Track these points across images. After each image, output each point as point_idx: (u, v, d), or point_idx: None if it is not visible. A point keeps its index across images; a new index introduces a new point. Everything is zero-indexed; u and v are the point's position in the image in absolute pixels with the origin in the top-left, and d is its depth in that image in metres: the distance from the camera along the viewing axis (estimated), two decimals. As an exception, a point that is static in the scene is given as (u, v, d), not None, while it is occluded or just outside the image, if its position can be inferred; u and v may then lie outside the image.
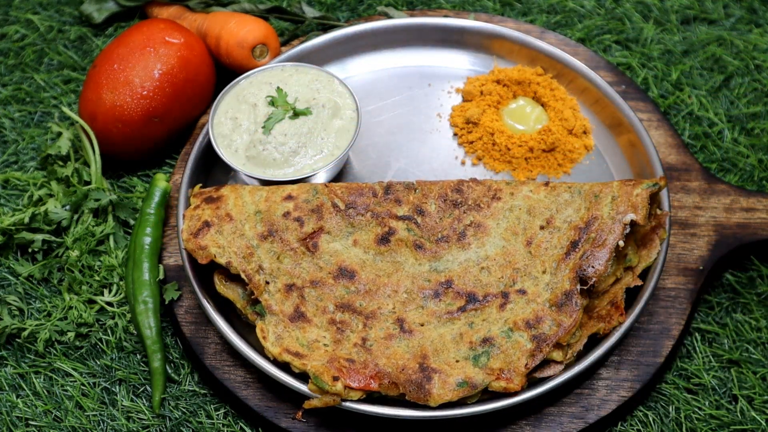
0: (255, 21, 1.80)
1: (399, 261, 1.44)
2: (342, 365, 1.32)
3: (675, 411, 1.45)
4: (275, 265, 1.42)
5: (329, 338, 1.37)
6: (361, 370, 1.32)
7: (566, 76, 1.74)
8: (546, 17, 1.95)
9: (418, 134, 1.72)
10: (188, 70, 1.71)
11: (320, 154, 1.58)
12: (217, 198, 1.49)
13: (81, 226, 1.61)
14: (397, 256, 1.45)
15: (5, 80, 1.91)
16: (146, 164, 1.77)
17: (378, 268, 1.44)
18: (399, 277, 1.42)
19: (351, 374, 1.31)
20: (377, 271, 1.43)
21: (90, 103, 1.68)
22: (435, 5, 1.98)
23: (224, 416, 1.47)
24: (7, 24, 2.01)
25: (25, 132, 1.82)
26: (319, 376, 1.30)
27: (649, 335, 1.48)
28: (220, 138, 1.60)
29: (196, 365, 1.51)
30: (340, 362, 1.33)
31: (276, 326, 1.37)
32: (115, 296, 1.58)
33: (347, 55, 1.81)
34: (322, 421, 1.41)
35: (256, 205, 1.48)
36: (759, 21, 1.94)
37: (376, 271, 1.43)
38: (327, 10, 1.99)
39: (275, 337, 1.36)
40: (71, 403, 1.49)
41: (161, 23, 1.75)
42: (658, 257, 1.44)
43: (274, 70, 1.68)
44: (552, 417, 1.41)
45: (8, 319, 1.55)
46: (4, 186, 1.75)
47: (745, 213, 1.59)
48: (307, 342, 1.36)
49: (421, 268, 1.43)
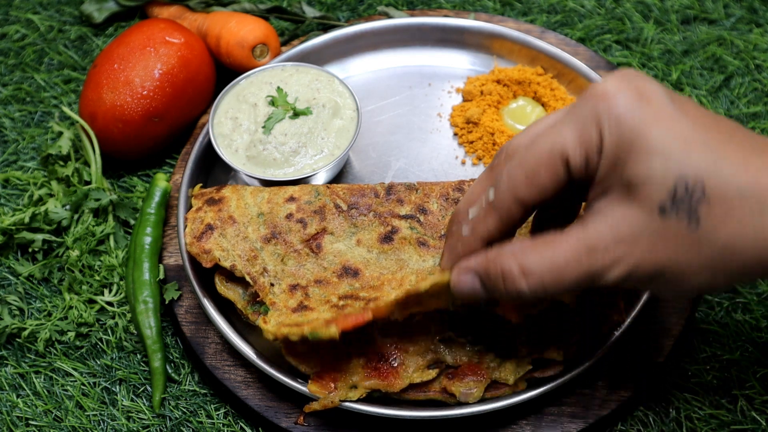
0: (255, 21, 1.80)
1: (403, 258, 1.44)
2: (337, 315, 1.33)
3: (675, 411, 1.45)
4: (279, 267, 1.43)
5: (330, 315, 1.36)
6: (354, 314, 1.32)
7: (566, 76, 1.74)
8: (546, 17, 1.95)
9: (418, 134, 1.72)
10: (188, 69, 1.71)
11: (320, 153, 1.58)
12: (219, 200, 1.49)
13: (81, 226, 1.61)
14: (401, 253, 1.45)
15: (5, 80, 1.91)
16: (146, 164, 1.77)
17: (382, 266, 1.44)
18: (403, 273, 1.42)
19: (344, 317, 1.30)
20: (381, 269, 1.43)
21: (90, 102, 1.68)
22: (435, 5, 1.98)
23: (224, 416, 1.47)
24: (7, 24, 2.01)
25: (26, 132, 1.83)
26: (314, 330, 1.28)
27: (649, 335, 1.48)
28: (220, 138, 1.60)
29: (196, 365, 1.51)
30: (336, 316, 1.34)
31: (279, 317, 1.37)
32: (116, 296, 1.58)
33: (347, 55, 1.81)
34: (323, 421, 1.41)
35: (258, 207, 1.48)
36: (759, 21, 1.94)
37: (381, 269, 1.43)
38: (327, 10, 1.99)
39: (276, 323, 1.36)
40: (71, 402, 1.49)
41: (161, 23, 1.75)
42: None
43: (275, 69, 1.68)
44: (552, 417, 1.41)
45: (8, 319, 1.55)
46: (5, 186, 1.75)
47: (746, 213, 1.59)
48: (308, 320, 1.36)
49: (425, 264, 1.43)
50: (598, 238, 1.04)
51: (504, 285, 1.10)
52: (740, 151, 1.02)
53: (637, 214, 1.03)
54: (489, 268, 1.12)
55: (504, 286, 1.10)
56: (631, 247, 1.03)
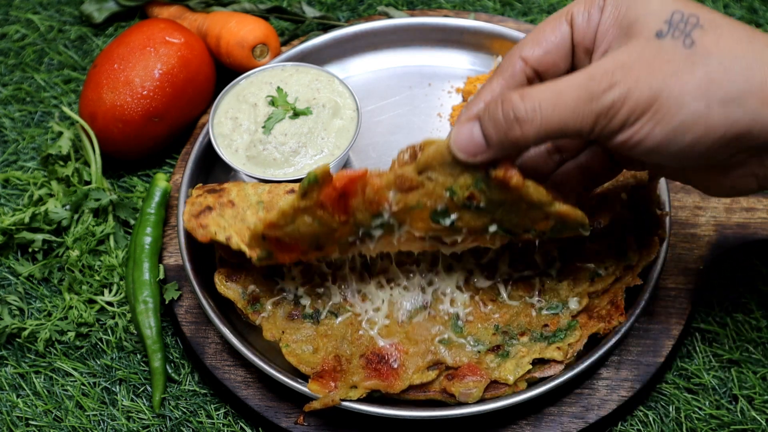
0: (255, 21, 1.80)
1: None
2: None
3: (675, 411, 1.45)
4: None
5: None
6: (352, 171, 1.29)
7: (566, 76, 1.73)
8: (546, 17, 1.95)
9: (418, 134, 1.72)
10: (188, 70, 1.71)
11: (320, 153, 1.58)
12: (220, 190, 1.49)
13: (81, 226, 1.61)
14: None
15: (5, 80, 1.91)
16: (146, 164, 1.77)
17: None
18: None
19: (342, 172, 1.26)
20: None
21: (90, 102, 1.68)
22: (435, 5, 1.98)
23: (224, 416, 1.47)
24: (7, 24, 2.01)
25: (26, 132, 1.83)
26: (310, 173, 1.23)
27: (649, 335, 1.48)
28: (220, 138, 1.60)
29: (196, 365, 1.51)
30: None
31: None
32: (116, 296, 1.58)
33: (347, 55, 1.81)
34: (323, 421, 1.41)
35: (258, 196, 1.48)
36: (759, 21, 1.94)
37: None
38: (327, 10, 1.99)
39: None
40: (71, 402, 1.49)
41: (161, 23, 1.75)
42: (658, 257, 1.44)
43: (275, 69, 1.68)
44: (552, 417, 1.41)
45: (8, 319, 1.55)
46: (5, 186, 1.75)
47: (746, 213, 1.59)
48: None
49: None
50: (598, 67, 1.07)
51: (502, 115, 1.08)
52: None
53: (635, 43, 1.07)
54: (489, 107, 1.10)
55: (502, 115, 1.08)
56: (629, 71, 1.05)
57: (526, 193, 1.18)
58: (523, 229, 1.26)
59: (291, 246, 1.30)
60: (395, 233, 1.29)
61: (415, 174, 1.20)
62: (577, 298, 1.42)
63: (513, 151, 1.13)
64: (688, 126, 1.04)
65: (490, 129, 1.10)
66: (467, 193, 1.19)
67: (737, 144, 1.06)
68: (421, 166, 1.19)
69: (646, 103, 1.04)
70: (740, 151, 1.09)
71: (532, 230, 1.26)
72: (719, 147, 1.06)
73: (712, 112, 1.04)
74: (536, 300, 1.43)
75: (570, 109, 1.06)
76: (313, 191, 1.22)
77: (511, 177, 1.15)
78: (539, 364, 1.37)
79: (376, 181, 1.22)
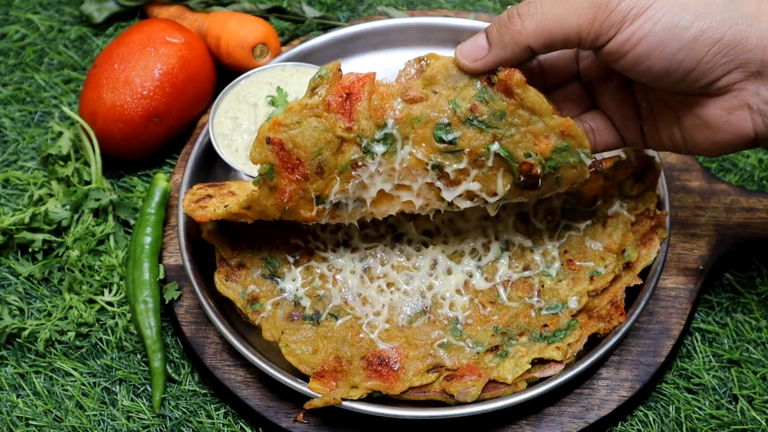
0: (255, 21, 1.80)
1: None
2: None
3: (675, 411, 1.45)
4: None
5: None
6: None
7: (566, 76, 1.73)
8: (546, 17, 1.95)
9: (418, 134, 1.72)
10: (188, 70, 1.71)
11: (320, 154, 1.58)
12: (220, 185, 1.50)
13: (81, 226, 1.61)
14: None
15: (5, 80, 1.91)
16: (146, 164, 1.77)
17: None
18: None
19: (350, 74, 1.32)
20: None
21: (90, 102, 1.68)
22: (435, 5, 1.98)
23: (224, 416, 1.47)
24: (7, 24, 2.01)
25: (26, 132, 1.83)
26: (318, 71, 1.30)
27: (649, 335, 1.48)
28: (220, 138, 1.60)
29: (196, 365, 1.51)
30: None
31: None
32: (116, 296, 1.58)
33: (347, 55, 1.81)
34: (323, 421, 1.41)
35: None
36: None
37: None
38: (327, 10, 1.99)
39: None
40: (71, 402, 1.49)
41: (161, 23, 1.75)
42: (658, 257, 1.44)
43: (275, 69, 1.68)
44: (552, 417, 1.41)
45: (8, 319, 1.55)
46: (5, 186, 1.75)
47: (746, 213, 1.59)
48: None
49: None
50: None
51: (506, 14, 1.13)
52: None
53: None
54: (495, 20, 1.16)
55: (506, 15, 1.13)
56: None
57: (527, 97, 1.23)
58: (524, 152, 1.27)
59: (294, 164, 1.30)
60: (397, 154, 1.29)
61: (421, 87, 1.27)
62: (576, 297, 1.42)
63: (514, 51, 1.17)
64: (687, 25, 1.05)
65: (492, 29, 1.16)
66: (470, 105, 1.25)
67: (733, 54, 1.06)
68: (427, 80, 1.26)
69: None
70: (737, 67, 1.09)
71: (534, 155, 1.27)
72: (715, 55, 1.06)
73: (712, 9, 1.05)
74: (535, 300, 1.44)
75: (570, 2, 1.09)
76: (321, 86, 1.27)
77: (513, 75, 1.21)
78: (539, 364, 1.37)
79: (382, 89, 1.28)
